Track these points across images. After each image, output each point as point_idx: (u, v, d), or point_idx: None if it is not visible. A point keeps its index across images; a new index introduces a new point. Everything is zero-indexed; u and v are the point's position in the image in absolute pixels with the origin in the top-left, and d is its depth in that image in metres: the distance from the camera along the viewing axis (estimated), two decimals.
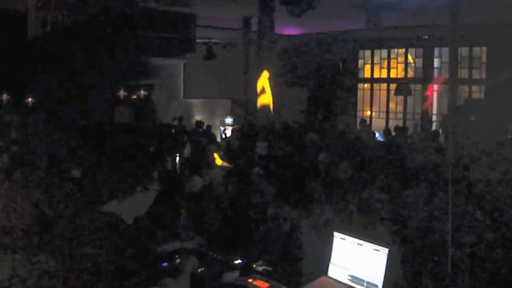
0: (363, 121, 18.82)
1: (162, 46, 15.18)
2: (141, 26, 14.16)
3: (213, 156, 9.71)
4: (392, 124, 19.28)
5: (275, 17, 13.42)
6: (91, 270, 3.37)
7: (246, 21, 16.55)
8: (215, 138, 15.29)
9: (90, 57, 13.38)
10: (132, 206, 3.51)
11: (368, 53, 21.68)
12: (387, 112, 21.25)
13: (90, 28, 12.86)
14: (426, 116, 19.32)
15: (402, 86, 19.08)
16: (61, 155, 8.98)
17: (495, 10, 13.15)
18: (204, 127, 16.21)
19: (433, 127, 19.06)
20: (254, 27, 14.76)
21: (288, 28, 18.46)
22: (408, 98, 20.11)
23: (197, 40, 17.20)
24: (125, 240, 3.32)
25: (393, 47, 20.58)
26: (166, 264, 4.19)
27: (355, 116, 21.51)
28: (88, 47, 13.16)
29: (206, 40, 18.73)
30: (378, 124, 19.96)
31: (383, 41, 19.51)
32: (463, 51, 17.80)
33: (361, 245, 4.11)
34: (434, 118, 19.61)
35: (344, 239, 4.25)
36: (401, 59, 20.86)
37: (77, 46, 13.03)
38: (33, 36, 12.00)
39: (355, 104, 22.03)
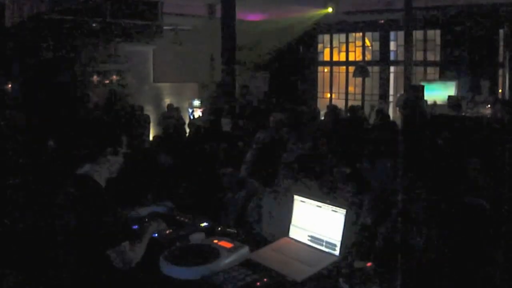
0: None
1: (132, 33, 15.05)
2: (113, 14, 14.03)
3: None
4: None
5: (238, 3, 13.37)
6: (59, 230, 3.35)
7: (211, 8, 16.46)
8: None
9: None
10: (105, 170, 3.47)
11: (327, 37, 21.68)
12: (346, 93, 21.34)
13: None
14: None
15: (360, 69, 19.17)
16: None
17: None
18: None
19: (390, 106, 19.25)
20: (219, 13, 14.71)
21: (251, 15, 18.37)
22: (366, 79, 20.21)
23: (165, 27, 17.07)
24: (97, 202, 3.28)
25: (351, 31, 20.61)
26: (136, 226, 4.22)
27: (316, 98, 21.58)
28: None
29: (173, 27, 18.58)
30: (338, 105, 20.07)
31: (341, 26, 19.53)
32: (418, 34, 17.94)
33: (320, 207, 4.11)
34: (391, 98, 19.74)
35: (304, 201, 4.26)
36: (358, 42, 20.97)
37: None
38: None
39: (315, 86, 22.05)
